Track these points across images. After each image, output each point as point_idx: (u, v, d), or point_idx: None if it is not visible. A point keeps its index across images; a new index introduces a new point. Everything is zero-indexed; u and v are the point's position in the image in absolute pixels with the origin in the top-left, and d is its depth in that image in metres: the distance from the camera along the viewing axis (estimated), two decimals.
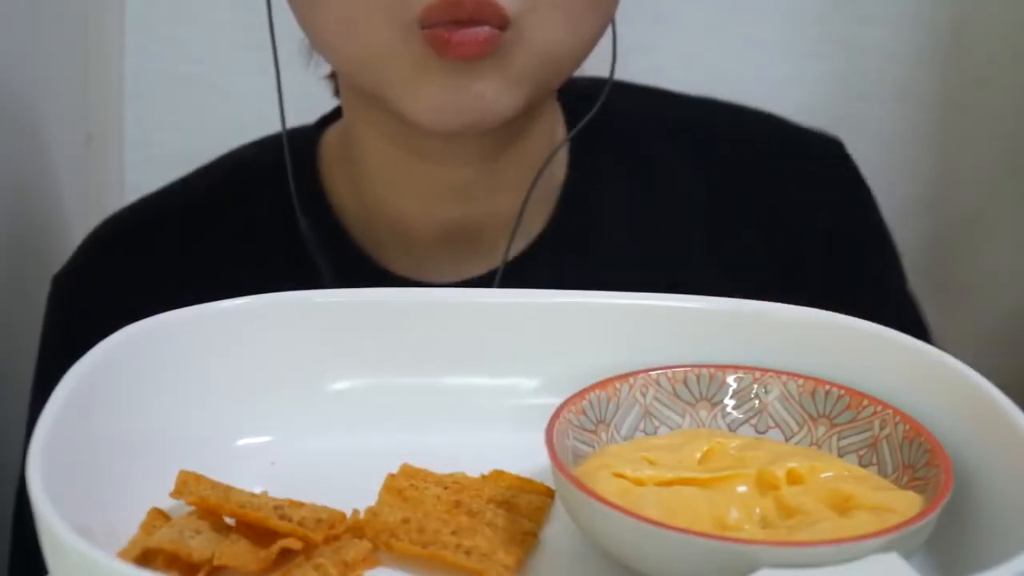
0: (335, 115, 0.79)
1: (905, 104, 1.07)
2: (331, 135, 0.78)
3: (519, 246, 0.74)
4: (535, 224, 0.75)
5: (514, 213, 0.71)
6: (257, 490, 0.47)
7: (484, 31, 0.60)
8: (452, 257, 0.73)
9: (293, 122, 0.75)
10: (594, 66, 0.70)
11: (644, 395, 0.52)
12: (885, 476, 0.47)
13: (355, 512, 0.47)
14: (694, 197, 0.77)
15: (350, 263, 0.74)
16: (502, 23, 0.61)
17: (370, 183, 0.74)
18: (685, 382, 0.52)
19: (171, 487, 0.45)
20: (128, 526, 0.45)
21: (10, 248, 0.87)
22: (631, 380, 0.51)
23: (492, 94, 0.62)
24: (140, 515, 0.45)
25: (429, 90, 0.62)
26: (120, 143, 1.08)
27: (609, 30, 0.68)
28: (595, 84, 0.74)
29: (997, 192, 1.09)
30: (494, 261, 0.73)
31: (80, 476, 0.44)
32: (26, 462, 0.42)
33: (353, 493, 0.47)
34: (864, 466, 0.49)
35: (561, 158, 0.76)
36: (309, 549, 0.44)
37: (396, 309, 0.54)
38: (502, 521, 0.46)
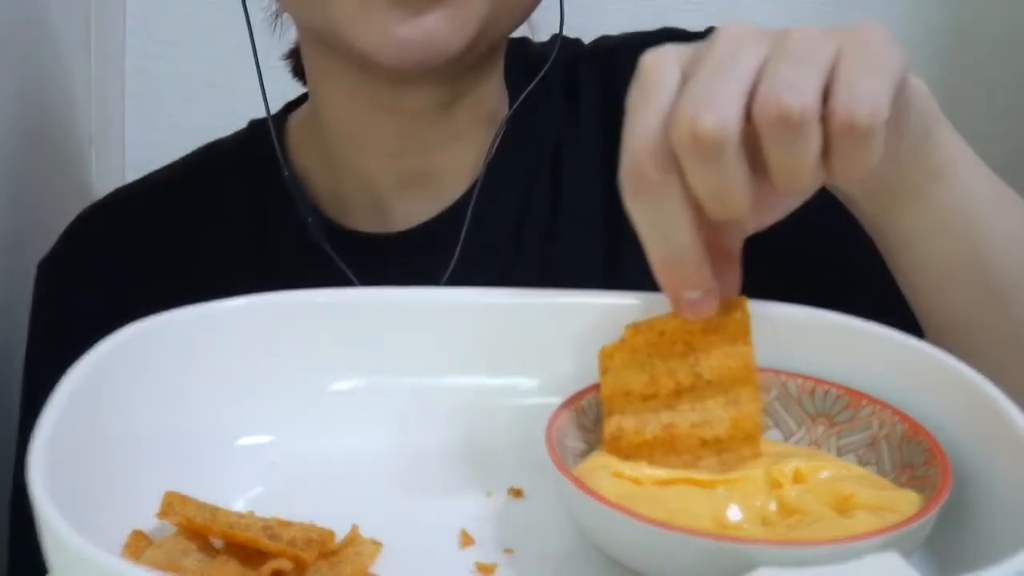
0: (299, 103, 0.81)
1: None
2: (297, 115, 0.81)
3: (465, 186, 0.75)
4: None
5: (478, 165, 0.73)
6: (257, 490, 0.47)
7: None
8: (415, 208, 0.74)
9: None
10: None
11: None
12: (884, 475, 0.48)
13: (354, 528, 0.46)
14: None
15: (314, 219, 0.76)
16: None
17: (336, 144, 0.75)
18: None
19: (172, 486, 0.45)
20: (129, 526, 0.45)
21: (10, 248, 0.87)
22: None
23: (440, 31, 0.63)
24: (141, 515, 0.45)
25: (375, 24, 0.62)
26: (120, 143, 1.08)
27: None
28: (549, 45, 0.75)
29: None
30: (445, 203, 0.74)
31: (81, 476, 0.44)
32: (27, 460, 0.42)
33: (353, 493, 0.47)
34: (863, 465, 0.49)
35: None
36: (300, 569, 0.43)
37: (396, 309, 0.54)
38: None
